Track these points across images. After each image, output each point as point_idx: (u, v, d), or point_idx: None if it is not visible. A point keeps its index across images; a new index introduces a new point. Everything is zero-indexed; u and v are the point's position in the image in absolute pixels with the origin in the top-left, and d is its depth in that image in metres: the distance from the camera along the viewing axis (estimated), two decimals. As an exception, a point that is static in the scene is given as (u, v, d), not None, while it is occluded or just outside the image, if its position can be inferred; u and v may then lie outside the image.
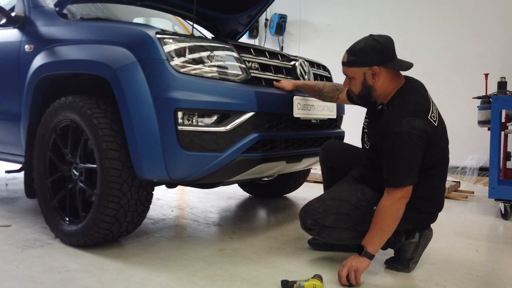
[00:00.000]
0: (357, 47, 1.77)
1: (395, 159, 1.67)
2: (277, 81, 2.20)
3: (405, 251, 1.86)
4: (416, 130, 1.63)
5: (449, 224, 2.72)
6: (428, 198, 1.82)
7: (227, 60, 2.00)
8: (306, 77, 2.46)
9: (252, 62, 2.13)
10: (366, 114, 1.98)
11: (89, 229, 1.94)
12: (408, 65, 1.75)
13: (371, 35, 1.78)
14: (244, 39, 5.57)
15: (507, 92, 3.16)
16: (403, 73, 1.82)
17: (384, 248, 1.87)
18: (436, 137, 1.71)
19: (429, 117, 1.70)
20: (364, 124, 1.98)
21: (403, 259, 1.86)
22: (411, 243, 1.85)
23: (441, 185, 1.86)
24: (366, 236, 1.73)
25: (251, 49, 2.19)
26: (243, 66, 2.03)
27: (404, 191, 1.68)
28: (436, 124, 1.72)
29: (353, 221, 1.81)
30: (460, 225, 2.71)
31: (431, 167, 1.76)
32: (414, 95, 1.76)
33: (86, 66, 2.01)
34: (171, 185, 2.16)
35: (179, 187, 2.96)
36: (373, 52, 1.74)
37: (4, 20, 2.44)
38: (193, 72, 1.86)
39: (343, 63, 1.83)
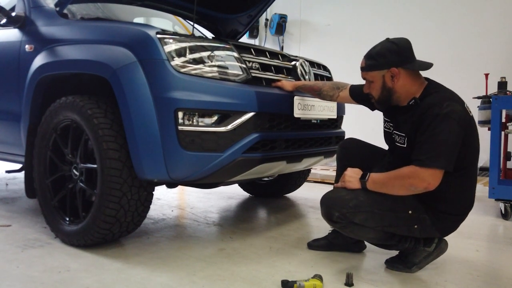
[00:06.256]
0: (374, 51, 1.76)
1: (430, 137, 1.58)
2: (277, 81, 2.20)
3: (415, 256, 1.82)
4: (456, 115, 1.59)
5: (449, 224, 2.71)
6: (464, 200, 1.77)
7: (227, 60, 2.00)
8: (307, 77, 2.45)
9: (253, 62, 2.13)
10: (387, 117, 1.92)
11: (89, 229, 1.94)
12: (427, 65, 1.72)
13: (387, 39, 1.77)
14: (244, 39, 5.57)
15: (507, 92, 3.16)
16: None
17: (400, 250, 1.86)
18: (470, 129, 1.68)
19: (465, 106, 1.69)
20: (387, 128, 1.92)
21: (409, 261, 1.83)
22: (425, 250, 1.81)
23: (474, 185, 1.79)
24: (377, 174, 1.72)
25: (252, 49, 2.19)
26: (244, 66, 2.03)
27: (430, 173, 1.58)
28: (471, 115, 1.70)
29: (384, 222, 1.72)
30: (460, 225, 2.70)
31: (465, 166, 1.70)
32: (446, 88, 1.76)
33: (87, 66, 2.01)
34: (171, 185, 2.16)
35: (179, 187, 2.95)
36: (390, 54, 1.72)
37: (4, 20, 2.44)
38: (193, 72, 1.86)
39: (362, 68, 1.81)
